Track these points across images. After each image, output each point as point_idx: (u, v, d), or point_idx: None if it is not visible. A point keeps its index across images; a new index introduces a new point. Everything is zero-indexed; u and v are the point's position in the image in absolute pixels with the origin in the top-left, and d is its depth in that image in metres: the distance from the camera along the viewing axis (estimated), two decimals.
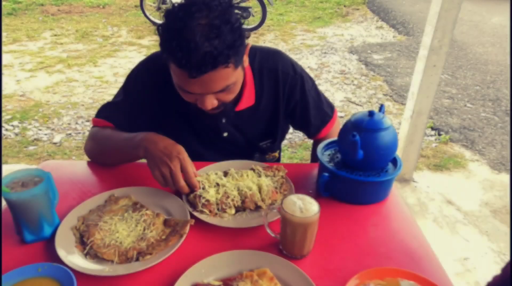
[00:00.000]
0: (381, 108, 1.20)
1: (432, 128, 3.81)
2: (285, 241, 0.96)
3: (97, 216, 1.04)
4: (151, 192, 1.15)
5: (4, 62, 5.19)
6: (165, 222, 1.03)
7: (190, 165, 1.08)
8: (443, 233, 2.54)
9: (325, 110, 1.45)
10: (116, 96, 1.34)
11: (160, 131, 1.45)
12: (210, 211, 1.06)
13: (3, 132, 3.55)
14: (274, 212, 1.01)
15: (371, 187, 1.14)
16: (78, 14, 7.56)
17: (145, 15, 7.01)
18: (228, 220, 1.06)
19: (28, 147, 3.35)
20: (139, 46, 6.04)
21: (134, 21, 7.24)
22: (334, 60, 5.57)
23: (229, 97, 1.15)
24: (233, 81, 1.09)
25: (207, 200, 1.07)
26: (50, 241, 0.97)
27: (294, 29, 6.93)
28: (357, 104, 4.32)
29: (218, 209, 1.07)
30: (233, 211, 1.08)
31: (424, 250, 1.00)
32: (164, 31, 1.02)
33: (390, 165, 1.21)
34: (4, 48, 5.69)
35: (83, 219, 1.04)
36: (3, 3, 7.73)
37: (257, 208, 1.10)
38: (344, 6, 8.31)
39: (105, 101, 1.38)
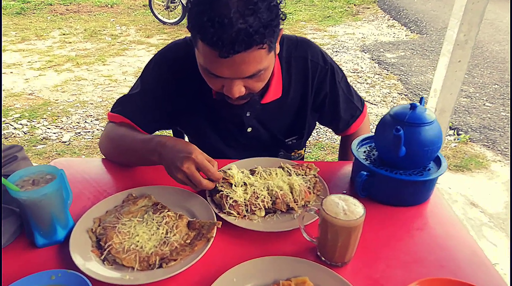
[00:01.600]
0: (421, 100, 1.10)
1: (451, 128, 3.68)
2: (324, 247, 0.86)
3: (114, 217, 0.94)
4: (172, 191, 1.05)
5: (13, 60, 5.15)
6: (189, 225, 0.94)
7: (205, 161, 0.96)
8: None
9: (355, 104, 1.36)
10: (133, 88, 1.24)
11: (179, 127, 1.37)
12: (238, 213, 0.96)
13: (12, 130, 3.49)
14: (312, 214, 0.91)
15: (414, 187, 1.04)
16: (87, 14, 7.52)
17: (154, 14, 6.96)
18: (258, 222, 0.96)
19: (37, 146, 3.28)
20: (148, 45, 5.98)
21: (143, 20, 7.19)
22: (346, 59, 5.45)
23: (258, 85, 1.05)
24: (265, 66, 0.99)
25: (235, 201, 0.97)
26: (63, 245, 0.88)
27: (304, 28, 6.83)
28: (372, 103, 4.21)
29: (246, 211, 0.97)
30: (263, 213, 0.98)
31: (479, 259, 0.89)
32: (194, 4, 0.91)
33: (432, 164, 1.10)
34: (12, 47, 5.65)
35: (100, 221, 0.94)
36: (12, 2, 7.72)
37: (289, 209, 1.00)
38: (354, 5, 8.20)
39: (114, 100, 1.29)
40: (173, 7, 6.88)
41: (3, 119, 3.66)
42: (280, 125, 1.29)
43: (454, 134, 3.60)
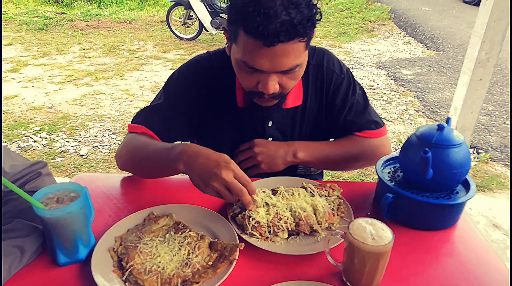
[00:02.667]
0: (448, 121, 1.07)
1: (471, 146, 3.61)
2: (351, 272, 0.83)
3: (136, 236, 0.93)
4: (193, 210, 1.04)
5: (34, 75, 5.28)
6: (211, 246, 0.92)
7: (242, 173, 0.93)
8: None
9: (373, 119, 1.29)
10: (155, 99, 1.25)
11: (199, 140, 1.36)
12: (260, 234, 0.94)
13: (32, 143, 3.55)
14: (337, 238, 0.89)
15: (442, 211, 1.00)
16: (106, 29, 7.71)
17: (171, 30, 7.09)
18: (281, 245, 0.94)
19: (55, 159, 3.32)
20: (165, 59, 6.07)
21: (160, 36, 7.32)
22: (362, 75, 5.44)
23: (291, 83, 1.06)
24: (302, 61, 1.02)
25: (257, 222, 0.95)
26: (85, 264, 0.87)
27: (319, 44, 6.86)
28: (388, 120, 4.16)
29: (269, 232, 0.95)
30: (286, 234, 0.96)
31: None
32: (237, 0, 0.96)
33: (460, 187, 1.07)
34: (34, 62, 5.81)
35: (121, 240, 0.93)
36: (36, 18, 7.97)
37: (312, 231, 0.98)
38: (370, 21, 8.22)
39: (131, 114, 1.29)
40: (190, 23, 7.00)
41: (23, 132, 3.73)
42: (300, 135, 1.29)
43: (474, 153, 3.52)
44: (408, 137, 1.07)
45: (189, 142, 1.51)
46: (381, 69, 5.68)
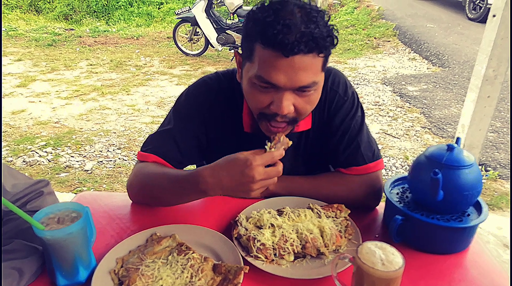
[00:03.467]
0: (458, 141, 1.05)
1: (479, 164, 3.56)
2: None
3: (138, 258, 0.91)
4: (196, 231, 1.02)
5: (42, 90, 5.34)
6: (215, 268, 0.89)
7: (263, 156, 0.89)
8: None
9: (362, 152, 1.16)
10: (164, 123, 1.22)
11: (208, 162, 1.34)
12: (266, 257, 0.92)
13: (37, 158, 3.55)
14: (345, 262, 0.86)
15: (454, 234, 0.97)
16: (113, 45, 7.81)
17: (177, 46, 7.16)
18: (286, 268, 0.91)
19: (60, 173, 3.32)
20: (171, 75, 6.12)
21: (166, 52, 7.40)
22: (367, 91, 5.43)
23: (306, 108, 1.01)
24: (318, 80, 0.98)
25: (262, 244, 0.93)
26: None
27: None
28: (394, 137, 4.13)
29: (275, 255, 0.93)
30: (292, 257, 0.93)
31: None
32: (255, 12, 0.95)
33: (471, 209, 1.04)
34: (42, 77, 5.87)
35: (123, 261, 0.91)
36: (45, 35, 8.10)
37: (319, 254, 0.95)
38: (375, 38, 8.26)
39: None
40: (196, 39, 7.08)
41: (29, 147, 3.74)
42: (306, 159, 1.25)
43: (482, 170, 3.47)
44: (415, 155, 1.04)
45: (196, 166, 1.48)
46: (387, 85, 5.67)
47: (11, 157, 3.57)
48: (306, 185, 1.18)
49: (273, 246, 0.93)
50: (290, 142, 0.98)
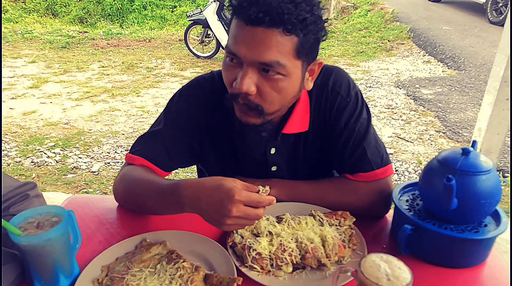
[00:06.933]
0: (474, 144, 0.96)
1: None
2: None
3: (124, 266, 0.85)
4: (189, 237, 0.95)
5: (53, 91, 5.37)
6: (206, 279, 0.83)
7: (251, 195, 0.82)
8: None
9: (369, 158, 1.07)
10: (155, 124, 1.16)
11: (203, 164, 1.28)
12: (262, 268, 0.85)
13: (45, 159, 3.55)
14: (347, 276, 0.78)
15: (468, 247, 0.89)
16: (126, 47, 7.85)
17: (189, 48, 7.16)
18: (284, 280, 0.84)
19: (67, 175, 3.30)
20: (181, 77, 6.10)
21: (178, 54, 7.40)
22: (380, 95, 5.32)
23: (271, 93, 0.94)
24: (284, 63, 0.90)
25: (259, 253, 0.86)
26: None
27: (337, 63, 6.79)
28: (407, 141, 4.02)
29: (271, 265, 0.86)
30: (290, 268, 0.86)
31: None
32: None
33: (489, 219, 0.95)
34: (55, 78, 5.92)
35: (108, 270, 0.85)
36: (59, 37, 8.20)
37: (320, 265, 0.87)
38: (388, 40, 8.12)
39: (145, 130, 1.20)
40: (207, 41, 7.06)
41: (38, 148, 3.75)
42: (304, 164, 1.17)
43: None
44: (429, 160, 0.96)
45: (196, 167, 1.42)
46: (400, 89, 5.55)
47: (19, 157, 3.58)
48: (309, 191, 1.10)
49: (270, 255, 0.87)
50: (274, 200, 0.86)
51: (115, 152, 3.71)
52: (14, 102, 4.93)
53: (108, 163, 3.52)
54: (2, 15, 9.59)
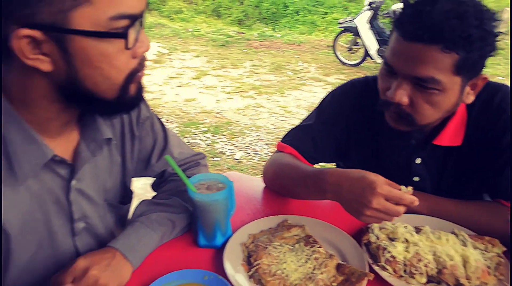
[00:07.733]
0: None
1: None
2: None
3: (267, 238, 0.97)
4: (326, 228, 1.02)
5: (211, 83, 6.08)
6: (338, 268, 0.88)
7: (393, 191, 0.84)
8: None
9: None
10: (306, 119, 1.26)
11: (345, 163, 1.33)
12: (394, 271, 0.86)
13: (198, 141, 4.08)
14: None
15: None
16: (276, 49, 8.35)
17: (336, 55, 7.21)
18: None
19: (213, 158, 3.73)
20: (325, 82, 6.21)
21: (324, 59, 7.53)
22: None
23: (424, 107, 0.94)
24: (441, 79, 0.89)
25: (393, 256, 0.88)
26: (219, 251, 0.94)
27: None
28: None
29: (404, 271, 0.86)
30: (424, 279, 0.85)
31: None
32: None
33: None
34: (213, 72, 6.68)
35: (254, 238, 0.98)
36: (220, 36, 9.19)
37: (457, 285, 0.84)
38: None
39: (284, 129, 1.32)
40: (355, 49, 7.01)
41: (194, 130, 4.32)
42: (453, 180, 1.12)
43: None
44: None
45: (334, 164, 1.49)
46: None
47: (180, 135, 4.19)
48: (454, 209, 1.06)
49: (404, 261, 0.87)
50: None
51: (256, 144, 4.03)
52: (180, 89, 5.75)
53: (249, 153, 3.84)
54: (179, 15, 11.20)
